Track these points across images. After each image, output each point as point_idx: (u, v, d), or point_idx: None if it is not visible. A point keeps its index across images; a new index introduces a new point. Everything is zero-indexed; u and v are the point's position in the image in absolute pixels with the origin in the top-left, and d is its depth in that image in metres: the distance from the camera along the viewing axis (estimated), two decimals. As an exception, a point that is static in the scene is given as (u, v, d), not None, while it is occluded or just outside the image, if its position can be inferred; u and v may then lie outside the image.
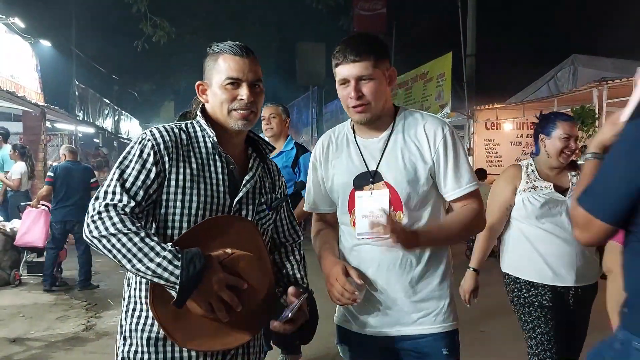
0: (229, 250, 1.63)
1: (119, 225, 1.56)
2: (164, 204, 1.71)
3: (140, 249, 1.54)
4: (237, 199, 1.79)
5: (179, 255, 1.55)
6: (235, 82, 1.77)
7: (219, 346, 1.70)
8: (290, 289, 1.82)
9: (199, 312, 1.61)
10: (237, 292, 1.62)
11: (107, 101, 19.51)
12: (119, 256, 1.55)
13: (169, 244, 1.59)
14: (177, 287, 1.54)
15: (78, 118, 15.35)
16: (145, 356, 1.70)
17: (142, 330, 1.71)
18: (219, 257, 1.61)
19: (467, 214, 1.98)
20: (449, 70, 12.07)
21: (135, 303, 1.73)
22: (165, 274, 1.54)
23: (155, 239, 1.58)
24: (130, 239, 1.55)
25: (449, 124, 2.03)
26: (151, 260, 1.54)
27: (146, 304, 1.69)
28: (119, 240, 1.55)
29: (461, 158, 1.98)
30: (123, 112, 22.45)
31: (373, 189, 1.98)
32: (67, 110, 14.63)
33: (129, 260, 1.55)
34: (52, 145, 13.48)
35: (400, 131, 2.00)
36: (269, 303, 1.77)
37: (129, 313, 1.74)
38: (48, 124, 12.46)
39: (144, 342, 1.70)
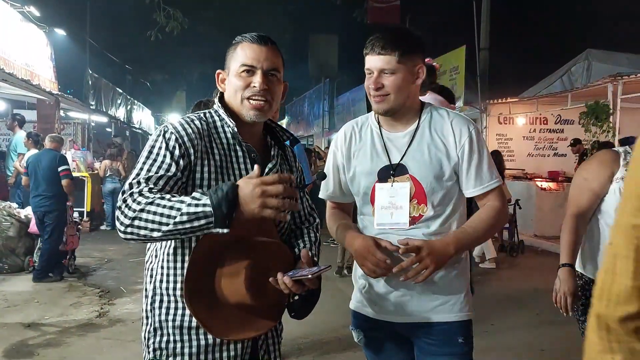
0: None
1: (141, 199, 1.54)
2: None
3: (171, 207, 1.51)
4: None
5: (205, 192, 1.54)
6: (249, 70, 1.75)
7: (254, 332, 1.72)
8: (304, 251, 1.78)
9: (233, 289, 1.62)
10: (264, 278, 1.63)
11: (120, 90, 19.60)
12: (155, 225, 1.52)
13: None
14: (212, 211, 1.50)
15: (91, 107, 15.44)
16: (179, 345, 1.71)
17: (174, 320, 1.72)
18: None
19: (490, 213, 2.03)
20: (462, 63, 12.01)
21: (162, 295, 1.73)
22: (199, 208, 1.50)
23: (178, 196, 1.56)
24: (157, 205, 1.52)
25: (474, 123, 2.08)
26: (181, 209, 1.50)
27: (174, 295, 1.70)
28: (148, 211, 1.52)
29: (485, 156, 2.02)
30: (135, 101, 22.54)
31: (395, 181, 2.02)
32: (81, 99, 14.73)
33: (166, 223, 1.51)
34: (66, 134, 13.57)
35: (427, 127, 2.04)
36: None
37: (156, 304, 1.74)
38: (62, 112, 12.55)
39: (177, 331, 1.71)
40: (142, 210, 1.53)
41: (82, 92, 15.54)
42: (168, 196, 1.55)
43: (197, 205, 1.51)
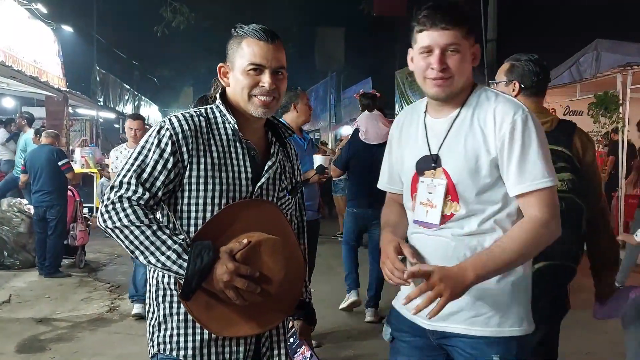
0: (245, 240, 1.61)
1: (132, 217, 1.58)
2: (185, 194, 1.71)
3: (152, 242, 1.57)
4: (258, 184, 1.78)
5: (189, 249, 1.58)
6: (258, 68, 1.74)
7: (257, 330, 1.73)
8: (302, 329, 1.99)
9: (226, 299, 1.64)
10: (263, 275, 1.62)
11: (128, 87, 19.69)
12: (132, 247, 1.58)
13: (181, 236, 1.60)
14: (183, 277, 1.57)
15: (99, 103, 15.51)
16: (182, 338, 1.73)
17: (178, 314, 1.73)
18: (232, 249, 1.60)
19: (527, 228, 1.69)
20: (469, 55, 11.95)
21: (165, 289, 1.75)
22: (175, 267, 1.56)
23: (167, 231, 1.59)
24: (142, 232, 1.57)
25: (527, 109, 1.75)
26: (162, 253, 1.56)
27: (177, 290, 1.70)
28: (131, 232, 1.57)
29: (532, 148, 1.69)
30: (143, 97, 22.63)
31: (434, 175, 1.80)
32: (89, 96, 14.79)
33: (142, 252, 1.58)
34: (74, 131, 13.65)
35: (470, 113, 1.77)
36: (300, 282, 1.81)
37: (160, 299, 1.76)
38: (70, 109, 12.61)
39: (181, 324, 1.73)
40: (126, 227, 1.58)
41: (90, 89, 15.61)
42: (155, 226, 1.58)
43: (174, 262, 1.56)
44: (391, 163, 2.03)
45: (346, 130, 17.22)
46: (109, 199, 1.62)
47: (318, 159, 4.31)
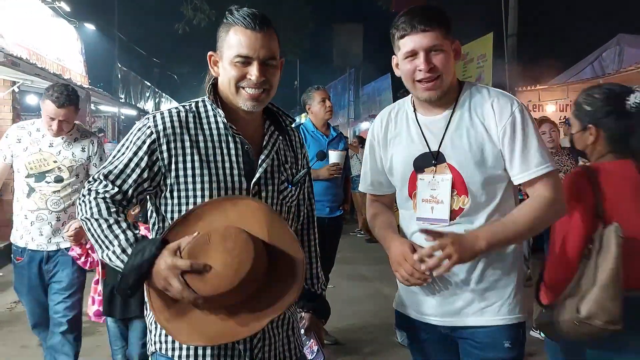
0: (195, 234, 1.49)
1: (94, 210, 1.54)
2: (175, 194, 1.62)
3: (106, 237, 1.52)
4: (253, 180, 1.66)
5: (134, 245, 1.50)
6: (245, 60, 1.62)
7: (229, 338, 1.54)
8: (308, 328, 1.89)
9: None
10: (215, 270, 1.44)
11: (148, 84, 19.88)
12: (92, 240, 1.55)
13: (135, 232, 1.53)
14: (121, 274, 1.49)
15: (120, 100, 15.69)
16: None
17: None
18: (179, 244, 1.48)
19: (536, 205, 1.79)
20: (489, 51, 11.86)
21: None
22: (118, 262, 1.50)
23: (123, 225, 1.53)
24: (99, 225, 1.53)
25: (519, 101, 1.86)
26: (110, 248, 1.51)
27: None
28: (92, 225, 1.54)
29: (532, 137, 1.80)
30: (163, 94, 22.82)
31: (435, 171, 1.84)
32: (110, 93, 14.96)
33: (99, 246, 1.53)
34: (97, 127, 13.82)
35: (466, 108, 1.84)
36: (291, 279, 1.54)
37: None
38: (92, 106, 12.77)
39: None
40: (88, 220, 1.54)
41: (112, 86, 15.81)
42: (112, 220, 1.53)
43: (117, 257, 1.50)
44: (374, 165, 2.05)
45: (365, 126, 17.22)
46: (82, 191, 1.60)
47: (333, 156, 4.38)
